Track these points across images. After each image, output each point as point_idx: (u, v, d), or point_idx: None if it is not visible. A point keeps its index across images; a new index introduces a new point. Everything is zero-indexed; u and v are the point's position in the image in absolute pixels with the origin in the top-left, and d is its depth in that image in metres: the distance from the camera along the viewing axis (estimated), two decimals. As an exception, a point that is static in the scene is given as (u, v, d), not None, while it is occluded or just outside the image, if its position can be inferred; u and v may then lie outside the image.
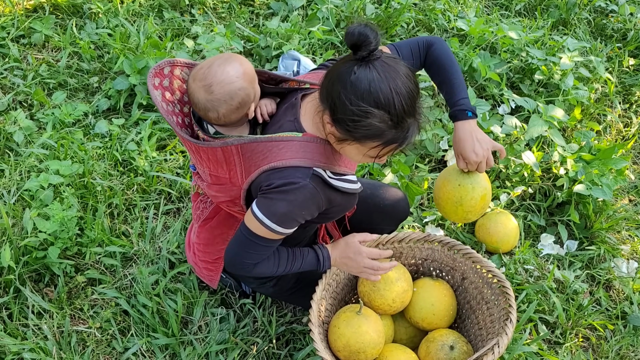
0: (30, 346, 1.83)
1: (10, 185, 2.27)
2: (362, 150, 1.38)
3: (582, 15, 3.60)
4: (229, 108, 1.50)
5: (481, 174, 1.66)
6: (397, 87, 1.28)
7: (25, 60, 2.81)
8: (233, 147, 1.47)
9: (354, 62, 1.29)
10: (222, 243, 1.80)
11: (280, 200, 1.42)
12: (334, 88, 1.32)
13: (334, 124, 1.35)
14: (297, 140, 1.45)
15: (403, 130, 1.33)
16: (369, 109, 1.28)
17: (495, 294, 1.76)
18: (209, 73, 1.48)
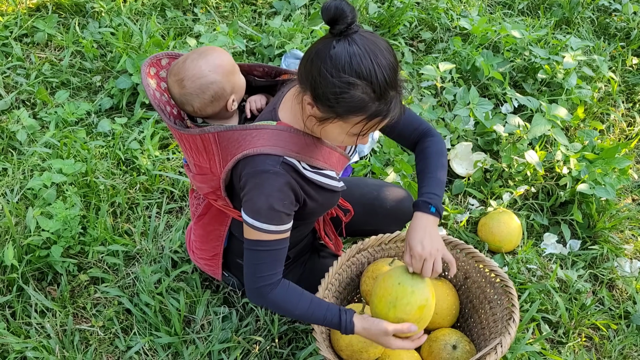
0: (33, 344, 1.84)
1: (14, 184, 2.27)
2: (346, 128, 1.36)
3: (585, 14, 3.59)
4: (202, 102, 1.53)
5: (427, 281, 1.51)
6: (378, 59, 1.26)
7: (28, 59, 2.82)
8: (210, 135, 1.47)
9: (332, 38, 1.27)
10: (215, 240, 1.81)
11: (257, 197, 1.41)
12: (314, 65, 1.29)
13: (315, 102, 1.33)
14: (270, 128, 1.44)
15: (386, 103, 1.31)
16: (351, 79, 1.26)
17: (498, 294, 1.76)
18: (183, 67, 1.51)
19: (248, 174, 1.42)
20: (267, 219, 1.43)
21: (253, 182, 1.41)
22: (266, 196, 1.41)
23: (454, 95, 2.73)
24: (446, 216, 2.41)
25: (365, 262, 1.87)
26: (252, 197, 1.42)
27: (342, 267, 1.78)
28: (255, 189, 1.41)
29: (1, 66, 2.74)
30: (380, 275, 1.59)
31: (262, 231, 1.44)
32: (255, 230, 1.44)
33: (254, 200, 1.42)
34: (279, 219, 1.44)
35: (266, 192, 1.41)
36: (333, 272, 1.73)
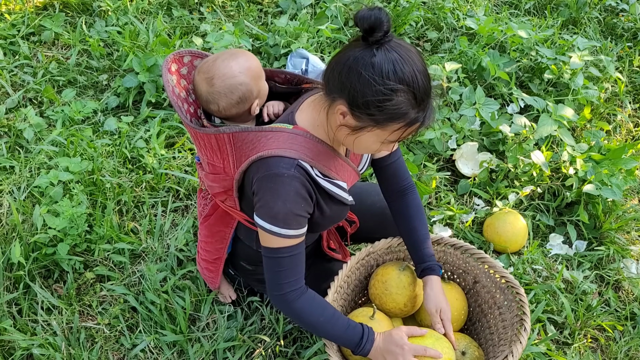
0: (39, 342, 1.85)
1: (21, 182, 2.28)
2: (382, 136, 1.35)
3: (592, 14, 3.57)
4: (228, 102, 1.53)
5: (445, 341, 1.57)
6: (417, 65, 1.27)
7: (36, 58, 2.83)
8: (225, 135, 1.46)
9: (370, 46, 1.27)
10: (220, 242, 1.81)
11: (273, 201, 1.39)
12: (352, 73, 1.28)
13: (352, 111, 1.31)
14: (285, 131, 1.43)
15: (425, 109, 1.32)
16: (396, 86, 1.25)
17: (508, 300, 1.74)
18: (213, 66, 1.52)
19: (262, 178, 1.39)
20: (285, 223, 1.40)
21: (268, 186, 1.39)
22: (283, 201, 1.38)
23: (460, 95, 2.73)
24: (452, 216, 2.41)
25: (374, 265, 1.86)
26: (268, 202, 1.39)
27: (351, 270, 1.78)
28: (271, 193, 1.39)
29: (9, 64, 2.75)
30: None
31: (281, 236, 1.42)
32: (273, 236, 1.42)
33: (270, 206, 1.39)
34: (297, 222, 1.43)
35: (283, 197, 1.38)
36: (343, 275, 1.71)
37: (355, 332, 1.49)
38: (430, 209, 2.45)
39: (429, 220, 2.39)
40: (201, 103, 1.58)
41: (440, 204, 2.46)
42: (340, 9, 3.15)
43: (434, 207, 2.46)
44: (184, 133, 2.58)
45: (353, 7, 3.20)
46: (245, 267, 1.87)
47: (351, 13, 3.20)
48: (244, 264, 1.86)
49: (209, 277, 1.94)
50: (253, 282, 1.94)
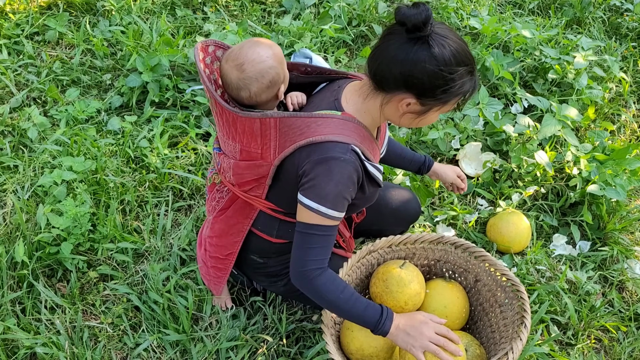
0: (43, 340, 1.85)
1: (24, 181, 2.29)
2: (444, 110, 1.48)
3: (596, 14, 3.56)
4: (260, 86, 1.55)
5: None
6: (463, 41, 1.39)
7: (40, 57, 2.84)
8: (272, 120, 1.49)
9: (419, 40, 1.35)
10: (236, 234, 1.78)
11: (326, 182, 1.44)
12: (416, 69, 1.36)
13: (420, 100, 1.42)
14: (336, 117, 1.49)
15: (474, 77, 1.44)
16: (458, 69, 1.37)
17: (509, 298, 1.74)
18: (241, 53, 1.55)
19: (316, 161, 1.44)
20: (332, 204, 1.46)
21: (322, 168, 1.44)
22: (335, 183, 1.44)
23: (464, 95, 2.72)
24: (455, 216, 2.40)
25: (375, 264, 1.86)
26: (320, 182, 1.44)
27: (352, 269, 1.78)
28: (325, 175, 1.44)
29: (13, 64, 2.76)
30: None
31: (325, 216, 1.47)
32: (317, 214, 1.46)
33: (322, 186, 1.44)
34: (342, 205, 1.49)
35: (336, 179, 1.44)
36: (343, 273, 1.72)
37: (375, 311, 1.51)
38: (433, 209, 2.45)
39: (432, 220, 2.39)
40: (230, 91, 1.59)
41: (443, 204, 2.46)
42: (343, 8, 3.15)
43: (437, 207, 2.46)
44: (187, 133, 2.58)
45: (357, 7, 3.20)
46: (255, 260, 1.84)
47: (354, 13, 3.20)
48: (255, 257, 1.83)
49: (215, 278, 1.91)
50: (260, 276, 1.90)
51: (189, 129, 2.56)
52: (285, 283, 1.84)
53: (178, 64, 2.76)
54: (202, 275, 1.98)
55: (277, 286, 1.87)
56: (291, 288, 1.86)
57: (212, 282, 1.93)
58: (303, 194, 1.48)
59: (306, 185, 1.47)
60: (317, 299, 1.55)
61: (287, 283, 1.84)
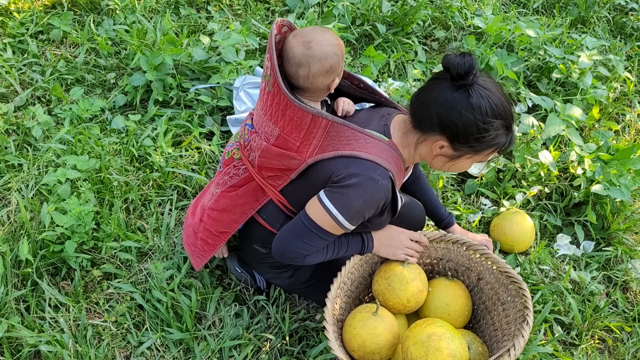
0: (47, 339, 1.86)
1: (29, 179, 2.30)
2: (477, 159, 1.54)
3: (601, 14, 3.55)
4: (320, 67, 1.57)
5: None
6: (504, 97, 1.46)
7: (44, 56, 2.84)
8: (324, 120, 1.53)
9: (461, 87, 1.42)
10: (239, 215, 1.76)
11: (356, 197, 1.49)
12: (452, 115, 1.44)
13: (452, 145, 1.48)
14: (384, 142, 1.55)
15: (511, 132, 1.49)
16: (493, 122, 1.43)
17: (512, 295, 1.74)
18: (312, 32, 1.58)
19: (355, 174, 1.49)
20: (350, 217, 1.52)
21: (358, 181, 1.48)
22: (364, 201, 1.50)
23: (468, 95, 2.71)
24: (458, 216, 2.40)
25: (377, 262, 1.87)
26: (350, 194, 1.49)
27: (355, 267, 1.78)
28: (358, 189, 1.49)
29: (17, 63, 2.76)
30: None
31: (338, 224, 1.53)
32: (332, 220, 1.52)
33: (351, 198, 1.49)
34: (357, 221, 1.55)
35: (366, 198, 1.50)
36: (346, 271, 1.72)
37: (356, 244, 1.70)
38: (436, 208, 2.44)
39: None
40: (289, 66, 1.59)
41: (447, 203, 2.45)
42: (347, 7, 3.15)
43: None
44: (190, 132, 2.58)
45: (360, 6, 3.20)
46: (258, 250, 1.83)
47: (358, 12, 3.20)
48: (258, 246, 1.82)
49: (201, 251, 1.87)
50: (265, 267, 1.89)
51: (192, 128, 2.56)
52: (291, 275, 1.85)
53: (182, 63, 2.76)
54: (185, 244, 1.95)
55: (282, 278, 1.87)
56: (296, 280, 1.86)
57: (195, 254, 1.90)
58: (328, 195, 1.51)
59: (335, 190, 1.51)
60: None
61: (292, 275, 1.85)
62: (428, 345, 1.52)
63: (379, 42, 3.15)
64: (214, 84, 2.70)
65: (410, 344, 1.56)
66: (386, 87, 2.83)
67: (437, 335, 1.53)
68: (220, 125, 2.66)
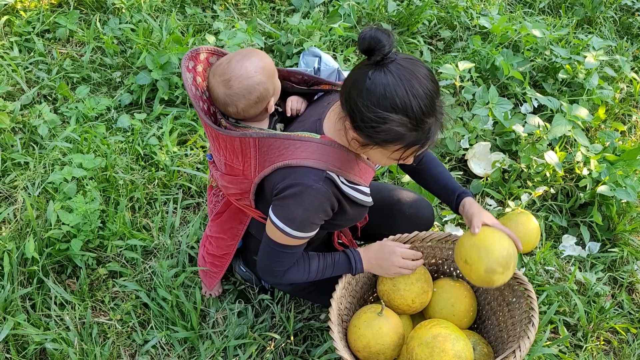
0: (52, 336, 1.86)
1: (35, 177, 2.30)
2: (386, 154, 1.38)
3: (607, 14, 3.54)
4: (247, 102, 1.52)
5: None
6: (414, 88, 1.25)
7: (50, 55, 2.85)
8: (251, 139, 1.47)
9: (369, 67, 1.27)
10: (230, 239, 1.81)
11: (296, 207, 1.43)
12: (351, 95, 1.30)
13: (354, 130, 1.35)
14: (314, 141, 1.45)
15: (424, 131, 1.31)
16: (385, 114, 1.26)
17: (517, 296, 1.74)
18: (228, 68, 1.51)
19: (289, 185, 1.42)
20: (298, 227, 1.46)
21: (293, 192, 1.42)
22: (304, 209, 1.43)
23: (473, 95, 2.71)
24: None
25: (382, 262, 1.86)
26: (289, 205, 1.43)
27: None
28: (295, 199, 1.42)
29: (24, 61, 2.77)
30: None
31: (290, 236, 1.47)
32: (283, 234, 1.47)
33: (291, 209, 1.43)
34: (310, 228, 1.49)
35: (305, 206, 1.43)
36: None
37: (343, 265, 1.67)
38: (442, 208, 2.44)
39: (440, 220, 2.39)
40: (218, 106, 1.57)
41: (452, 203, 2.45)
42: (352, 7, 3.15)
43: (445, 206, 2.45)
44: (195, 131, 2.59)
45: (366, 6, 3.19)
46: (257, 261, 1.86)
47: (364, 12, 3.20)
48: (256, 257, 1.84)
49: (211, 273, 1.95)
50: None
51: (197, 127, 2.56)
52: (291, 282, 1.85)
53: (187, 62, 2.77)
54: (200, 271, 2.01)
55: (284, 285, 1.88)
56: (297, 287, 1.86)
57: (207, 277, 1.97)
58: (273, 210, 1.48)
59: (277, 204, 1.46)
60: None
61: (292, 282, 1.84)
62: (433, 346, 1.52)
63: (385, 42, 3.14)
64: (219, 83, 2.70)
65: (416, 345, 1.56)
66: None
67: (443, 336, 1.53)
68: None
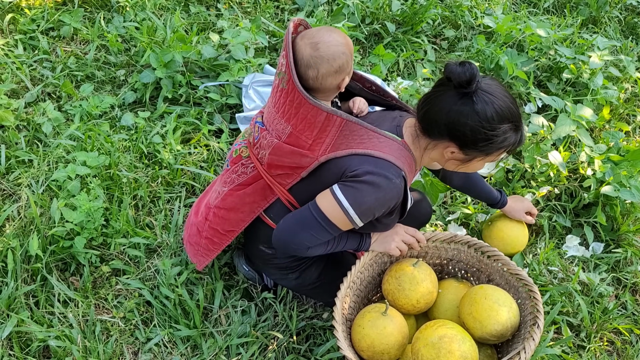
0: (55, 334, 1.87)
1: (39, 175, 2.31)
2: (488, 160, 1.55)
3: (612, 14, 3.53)
4: (329, 68, 1.57)
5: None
6: (509, 99, 1.46)
7: (54, 53, 2.86)
8: (338, 119, 1.55)
9: (465, 95, 1.43)
10: (247, 213, 1.75)
11: (370, 194, 1.49)
12: (459, 124, 1.45)
13: (463, 151, 1.50)
14: (397, 142, 1.56)
15: (520, 131, 1.51)
16: (501, 126, 1.44)
17: (522, 298, 1.73)
18: (318, 33, 1.58)
19: (370, 171, 1.49)
20: (361, 213, 1.52)
21: (373, 179, 1.49)
22: (376, 198, 1.50)
23: (477, 94, 2.70)
24: (468, 215, 2.39)
25: (387, 262, 1.86)
26: (364, 189, 1.49)
27: (364, 266, 1.78)
28: (372, 186, 1.49)
29: (28, 59, 2.78)
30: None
31: (349, 219, 1.52)
32: (344, 214, 1.52)
33: (364, 194, 1.49)
34: (367, 218, 1.55)
35: (379, 196, 1.50)
36: (355, 270, 1.72)
37: (355, 237, 1.70)
38: (445, 208, 2.44)
39: (443, 220, 2.38)
40: (299, 68, 1.59)
41: (456, 203, 2.44)
42: (357, 6, 3.14)
43: (448, 206, 2.45)
44: (199, 129, 2.59)
45: (370, 5, 3.19)
46: (264, 251, 1.81)
47: (368, 11, 3.19)
48: (264, 247, 1.81)
49: (205, 250, 1.86)
50: (271, 269, 1.87)
51: (201, 125, 2.56)
52: (297, 277, 1.84)
53: (191, 60, 2.77)
54: (187, 243, 1.93)
55: (289, 279, 1.86)
56: (302, 282, 1.86)
57: (199, 254, 1.89)
58: (342, 189, 1.51)
59: (349, 184, 1.51)
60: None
61: (298, 277, 1.84)
62: (439, 347, 1.51)
63: (389, 41, 3.14)
64: (223, 82, 2.70)
65: (421, 346, 1.56)
66: (395, 86, 2.82)
67: (449, 337, 1.53)
68: (229, 123, 2.66)
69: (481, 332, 1.64)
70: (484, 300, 1.65)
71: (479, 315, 1.64)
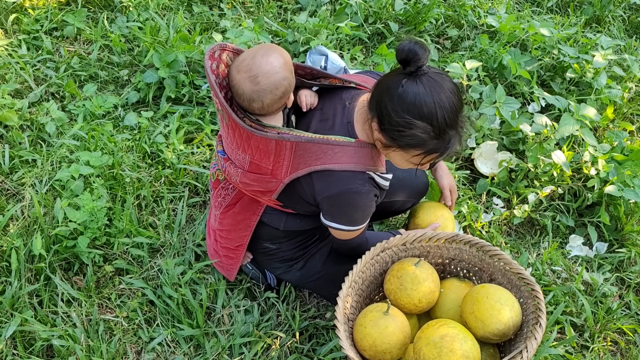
0: (59, 333, 1.87)
1: (42, 175, 2.32)
2: (406, 157, 1.49)
3: (616, 13, 3.51)
4: (273, 98, 1.55)
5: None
6: (441, 101, 1.37)
7: (58, 53, 2.86)
8: (288, 142, 1.53)
9: (403, 76, 1.38)
10: (244, 229, 1.82)
11: (353, 211, 1.60)
12: (383, 99, 1.41)
13: (381, 131, 1.46)
14: (351, 146, 1.54)
15: (444, 141, 1.42)
16: (412, 121, 1.38)
17: (524, 297, 1.73)
18: (254, 64, 1.52)
19: (339, 193, 1.54)
20: (362, 221, 1.65)
21: (347, 201, 1.55)
22: (362, 210, 1.61)
23: (480, 94, 2.70)
24: (469, 215, 2.39)
25: (389, 261, 1.86)
26: (348, 212, 1.60)
27: (366, 265, 1.78)
28: (350, 206, 1.58)
29: (32, 59, 2.78)
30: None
31: (358, 230, 1.67)
32: (352, 232, 1.67)
33: (351, 215, 1.61)
34: (369, 216, 1.67)
35: (362, 208, 1.60)
36: (357, 270, 1.72)
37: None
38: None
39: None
40: (241, 102, 1.57)
41: (457, 202, 2.44)
42: (360, 5, 3.14)
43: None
44: (202, 129, 2.59)
45: (373, 4, 3.19)
46: (267, 247, 1.87)
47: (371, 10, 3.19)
48: (267, 244, 1.87)
49: (227, 265, 1.95)
50: (275, 263, 1.92)
51: (204, 125, 2.57)
52: (301, 267, 1.86)
53: (194, 60, 2.77)
54: (215, 264, 2.01)
55: (293, 271, 1.88)
56: (307, 273, 1.87)
57: (225, 269, 1.99)
58: (332, 220, 1.60)
59: (334, 212, 1.59)
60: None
61: (302, 267, 1.86)
62: (441, 347, 1.51)
63: (392, 41, 3.14)
64: (226, 82, 2.70)
65: (423, 345, 1.55)
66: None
67: (450, 336, 1.53)
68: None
69: (483, 331, 1.64)
70: (486, 299, 1.65)
71: (481, 315, 1.64)
